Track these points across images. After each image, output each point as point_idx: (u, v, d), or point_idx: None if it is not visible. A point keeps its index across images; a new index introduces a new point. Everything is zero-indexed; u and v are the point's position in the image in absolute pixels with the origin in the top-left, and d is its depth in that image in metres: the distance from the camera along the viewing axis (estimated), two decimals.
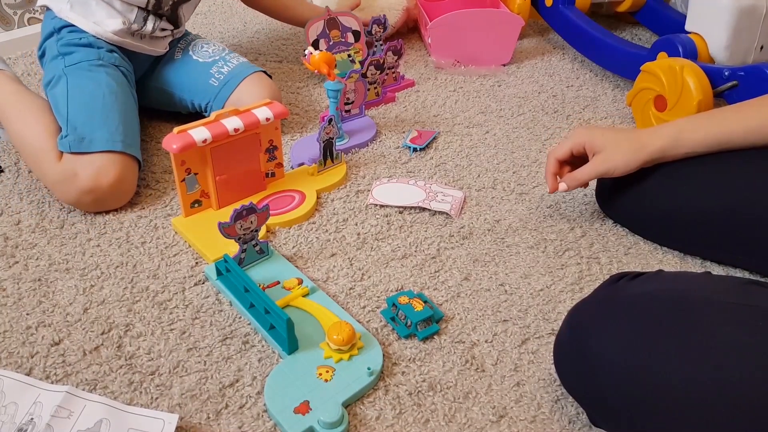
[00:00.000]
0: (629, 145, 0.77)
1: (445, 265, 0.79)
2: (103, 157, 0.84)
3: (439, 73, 1.27)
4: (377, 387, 0.63)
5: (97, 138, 0.85)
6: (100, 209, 0.86)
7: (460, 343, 0.68)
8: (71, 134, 0.85)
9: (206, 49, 1.06)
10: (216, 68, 1.03)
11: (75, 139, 0.84)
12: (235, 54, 1.07)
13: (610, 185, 0.84)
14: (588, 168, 0.79)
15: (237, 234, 0.72)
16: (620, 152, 0.77)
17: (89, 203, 0.84)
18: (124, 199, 0.87)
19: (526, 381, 0.64)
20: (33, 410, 0.57)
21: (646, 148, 0.76)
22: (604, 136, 0.78)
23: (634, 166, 0.77)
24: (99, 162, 0.84)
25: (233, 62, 1.04)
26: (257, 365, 0.65)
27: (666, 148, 0.76)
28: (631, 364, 0.51)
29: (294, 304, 0.71)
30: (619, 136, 0.78)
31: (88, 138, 0.84)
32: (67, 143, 0.84)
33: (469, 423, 0.60)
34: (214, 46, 1.08)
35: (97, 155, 0.84)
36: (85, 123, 0.86)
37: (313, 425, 0.58)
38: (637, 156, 0.76)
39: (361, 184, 0.94)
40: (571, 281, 0.77)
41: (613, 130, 0.80)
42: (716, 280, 0.56)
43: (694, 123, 0.77)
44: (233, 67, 1.03)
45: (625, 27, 1.51)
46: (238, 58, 1.06)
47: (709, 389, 0.48)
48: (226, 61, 1.04)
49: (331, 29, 1.12)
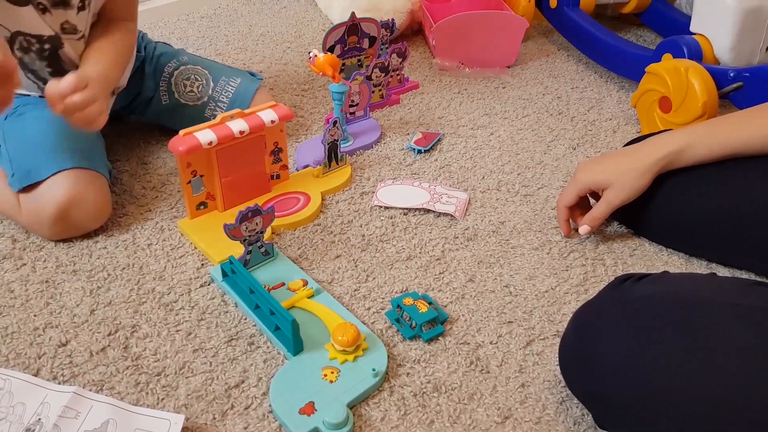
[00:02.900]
0: (633, 170, 0.77)
1: (450, 266, 0.79)
2: (56, 180, 0.78)
3: (443, 75, 1.27)
4: (382, 388, 0.63)
5: (43, 164, 0.79)
6: (81, 233, 0.82)
7: (465, 345, 0.68)
8: (17, 172, 0.80)
9: (191, 88, 0.99)
10: (209, 111, 0.98)
11: (22, 175, 0.79)
12: (221, 79, 1.00)
13: None
14: (603, 207, 0.80)
15: (242, 236, 0.73)
16: (628, 182, 0.78)
17: (64, 230, 0.80)
18: (100, 217, 0.82)
19: (531, 382, 0.64)
20: (40, 410, 0.57)
21: (650, 169, 0.77)
22: (606, 172, 0.79)
23: (644, 186, 0.78)
24: (54, 186, 0.78)
25: (224, 99, 0.98)
26: (263, 366, 0.65)
27: (669, 164, 0.77)
28: (637, 366, 0.51)
29: (299, 306, 0.71)
30: (621, 166, 0.78)
31: (35, 169, 0.79)
32: (17, 182, 0.79)
33: (474, 424, 0.60)
34: (197, 79, 1.00)
35: (50, 180, 0.78)
36: (29, 156, 0.80)
37: (318, 426, 0.58)
38: (645, 178, 0.77)
39: (365, 185, 0.94)
40: (576, 283, 0.77)
41: (613, 160, 0.80)
42: (722, 282, 0.56)
43: (697, 134, 0.77)
44: (226, 105, 0.99)
45: (630, 29, 1.51)
46: (226, 88, 0.99)
47: (716, 392, 0.48)
48: (217, 101, 0.99)
49: (350, 35, 1.12)
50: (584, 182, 0.81)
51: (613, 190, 0.78)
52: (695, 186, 0.77)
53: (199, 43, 1.41)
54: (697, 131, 0.78)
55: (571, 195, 0.82)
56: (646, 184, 0.78)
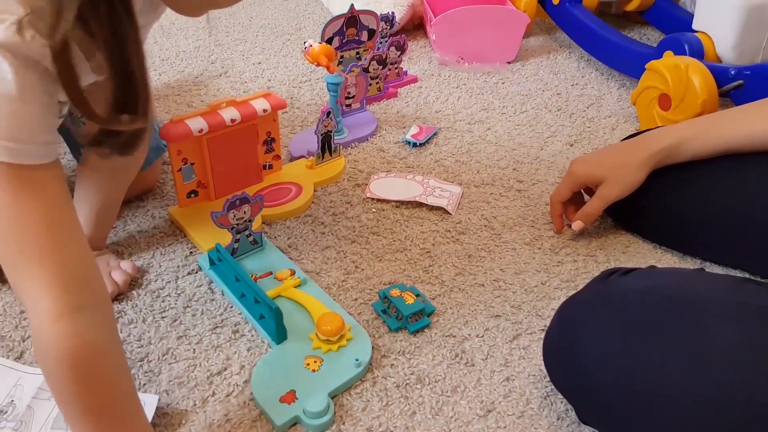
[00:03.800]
0: (628, 165, 0.76)
1: (440, 259, 0.78)
2: None
3: (442, 70, 1.27)
4: (365, 379, 0.63)
5: None
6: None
7: (451, 337, 0.67)
8: None
9: None
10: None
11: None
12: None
13: None
14: (597, 202, 0.78)
15: (230, 223, 0.72)
16: (622, 176, 0.77)
17: None
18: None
19: (515, 376, 0.63)
20: (13, 393, 0.57)
21: (645, 163, 0.76)
22: (601, 167, 0.78)
23: (639, 181, 0.77)
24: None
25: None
26: (246, 354, 0.65)
27: (665, 159, 0.76)
28: (621, 361, 0.50)
29: (285, 295, 0.70)
30: (615, 161, 0.77)
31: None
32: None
33: (456, 416, 0.59)
34: None
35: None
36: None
37: (298, 414, 0.57)
38: (640, 174, 0.76)
39: (359, 177, 0.93)
40: (567, 278, 0.76)
41: (607, 155, 0.79)
42: (710, 277, 0.55)
43: (694, 130, 0.76)
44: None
45: (634, 27, 1.50)
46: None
47: (700, 387, 0.47)
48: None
49: (348, 27, 1.11)
50: (578, 177, 0.80)
51: (607, 185, 0.78)
52: (690, 184, 0.76)
53: (198, 33, 1.41)
54: (694, 126, 0.77)
55: (565, 190, 0.81)
56: (641, 179, 0.77)
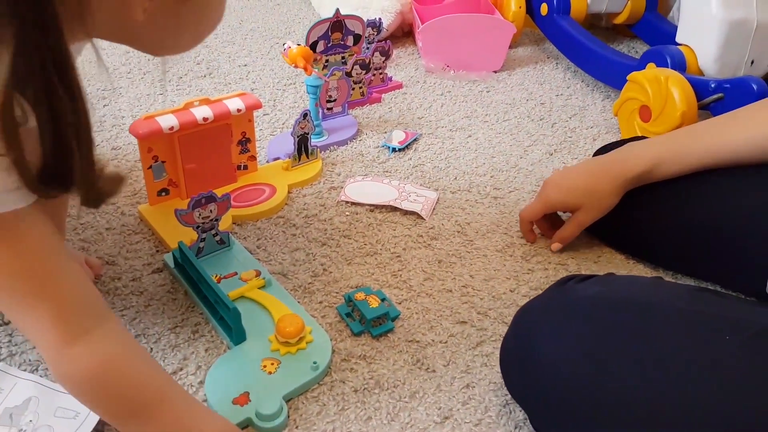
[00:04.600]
0: (602, 191, 0.76)
1: (409, 264, 0.77)
2: None
3: (428, 77, 1.26)
4: (323, 382, 0.62)
5: None
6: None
7: (414, 343, 0.66)
8: None
9: None
10: None
11: None
12: None
13: None
14: (574, 228, 0.78)
15: (195, 222, 0.71)
16: (598, 201, 0.76)
17: None
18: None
19: (476, 384, 0.62)
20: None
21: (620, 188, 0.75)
22: (575, 195, 0.77)
23: (614, 204, 0.76)
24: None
25: None
26: (203, 355, 0.64)
27: (638, 182, 0.76)
28: (575, 368, 0.50)
29: (248, 296, 0.70)
30: (589, 186, 0.76)
31: None
32: None
33: (412, 423, 0.58)
34: None
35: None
36: None
37: (250, 416, 0.56)
38: (615, 197, 0.76)
39: (335, 180, 0.93)
40: (536, 286, 0.75)
41: (582, 178, 0.78)
42: (667, 286, 0.55)
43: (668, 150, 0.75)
44: None
45: (623, 40, 1.50)
46: None
47: (654, 395, 0.47)
48: None
49: (334, 31, 1.11)
50: (552, 204, 0.79)
51: (584, 211, 0.77)
52: (665, 200, 0.76)
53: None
54: (668, 145, 0.76)
55: (537, 213, 0.80)
56: (616, 202, 0.76)
